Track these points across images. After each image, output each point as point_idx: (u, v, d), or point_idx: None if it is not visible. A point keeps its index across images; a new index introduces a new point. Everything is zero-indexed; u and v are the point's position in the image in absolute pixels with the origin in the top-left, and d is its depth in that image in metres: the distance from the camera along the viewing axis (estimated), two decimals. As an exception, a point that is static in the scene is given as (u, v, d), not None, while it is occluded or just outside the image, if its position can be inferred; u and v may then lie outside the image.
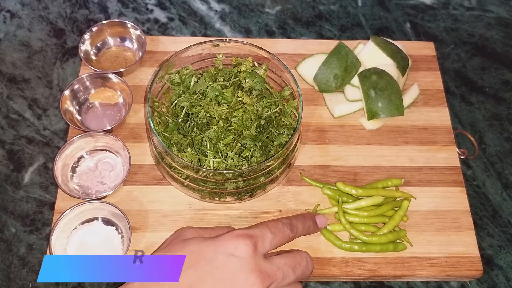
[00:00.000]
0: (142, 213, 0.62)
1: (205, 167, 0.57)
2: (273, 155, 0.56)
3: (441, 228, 0.62)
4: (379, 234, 0.60)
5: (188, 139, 0.59)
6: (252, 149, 0.57)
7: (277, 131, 0.60)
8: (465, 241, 0.62)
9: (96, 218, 0.61)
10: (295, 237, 0.53)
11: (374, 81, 0.66)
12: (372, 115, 0.66)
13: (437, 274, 0.60)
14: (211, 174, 0.56)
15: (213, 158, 0.57)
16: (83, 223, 0.60)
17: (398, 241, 0.60)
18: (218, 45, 0.64)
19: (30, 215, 0.63)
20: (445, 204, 0.64)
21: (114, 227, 0.60)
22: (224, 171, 0.56)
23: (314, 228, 0.56)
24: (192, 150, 0.57)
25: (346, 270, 0.59)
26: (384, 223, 0.61)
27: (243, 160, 0.57)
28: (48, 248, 0.57)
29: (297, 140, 0.61)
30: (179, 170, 0.58)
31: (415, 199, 0.64)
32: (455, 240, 0.62)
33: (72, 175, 0.64)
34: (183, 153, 0.57)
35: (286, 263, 0.49)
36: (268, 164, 0.56)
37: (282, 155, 0.57)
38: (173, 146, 0.58)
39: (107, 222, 0.61)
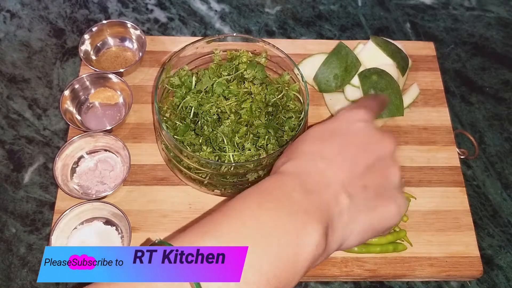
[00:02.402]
0: (142, 213, 0.62)
1: (225, 162, 0.57)
2: (290, 139, 0.56)
3: (441, 228, 0.62)
4: (379, 234, 0.60)
5: (201, 138, 0.59)
6: (266, 136, 0.58)
7: (285, 116, 0.61)
8: (465, 241, 0.62)
9: (96, 218, 0.61)
10: (378, 114, 0.54)
11: (374, 81, 0.66)
12: (372, 115, 0.66)
13: (437, 274, 0.60)
14: (232, 168, 0.56)
15: (232, 152, 0.57)
16: (83, 223, 0.60)
17: (398, 241, 0.60)
18: (212, 41, 0.64)
19: (30, 215, 0.63)
20: (445, 204, 0.64)
21: (114, 227, 0.60)
22: (245, 163, 0.56)
23: (383, 105, 0.57)
24: (208, 148, 0.57)
25: (346, 270, 0.59)
26: (384, 223, 0.61)
27: (259, 149, 0.58)
28: (48, 248, 0.57)
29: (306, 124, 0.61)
30: (199, 169, 0.58)
31: (415, 199, 0.64)
32: (455, 240, 0.62)
33: (72, 175, 0.64)
34: (201, 152, 0.57)
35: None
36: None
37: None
38: (187, 148, 0.58)
39: (107, 222, 0.61)
